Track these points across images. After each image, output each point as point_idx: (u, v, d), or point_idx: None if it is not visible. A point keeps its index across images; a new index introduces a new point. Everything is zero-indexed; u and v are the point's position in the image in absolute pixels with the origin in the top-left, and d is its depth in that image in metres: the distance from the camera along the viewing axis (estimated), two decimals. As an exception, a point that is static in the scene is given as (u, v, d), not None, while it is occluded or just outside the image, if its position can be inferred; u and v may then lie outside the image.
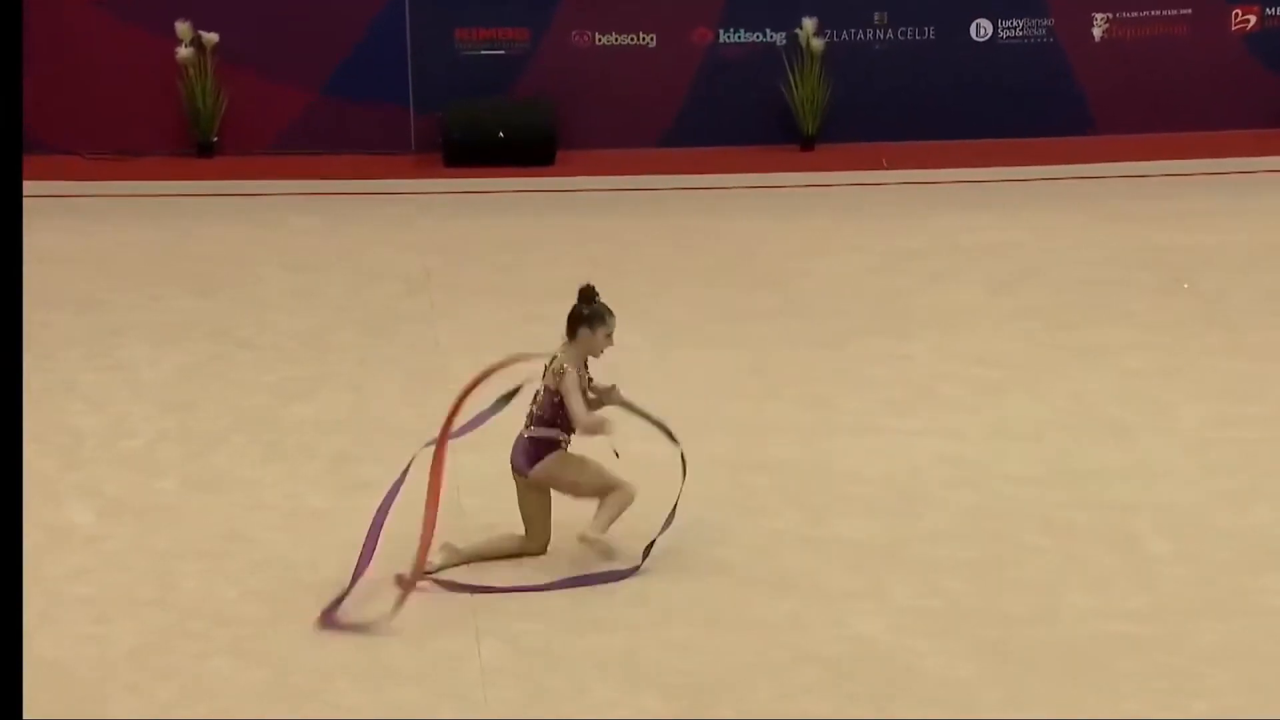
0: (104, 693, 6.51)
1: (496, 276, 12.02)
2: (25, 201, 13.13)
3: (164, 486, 8.45)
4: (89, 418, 9.28)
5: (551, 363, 7.47)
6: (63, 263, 12.02)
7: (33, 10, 13.75)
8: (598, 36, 15.04)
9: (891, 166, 14.39)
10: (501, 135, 14.68)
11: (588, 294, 7.49)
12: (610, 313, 7.47)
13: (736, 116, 14.98)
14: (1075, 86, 15.03)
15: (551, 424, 7.45)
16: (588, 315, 7.44)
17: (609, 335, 7.48)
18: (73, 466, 8.75)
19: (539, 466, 7.44)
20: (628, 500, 7.40)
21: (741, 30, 15.13)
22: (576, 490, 7.49)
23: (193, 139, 14.50)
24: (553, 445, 7.48)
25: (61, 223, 12.89)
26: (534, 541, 7.54)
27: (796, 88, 14.85)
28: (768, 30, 15.10)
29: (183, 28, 14.32)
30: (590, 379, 7.49)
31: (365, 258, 12.38)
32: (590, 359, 7.50)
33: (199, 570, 7.58)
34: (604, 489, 7.43)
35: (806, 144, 15.02)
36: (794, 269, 12.01)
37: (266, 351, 10.47)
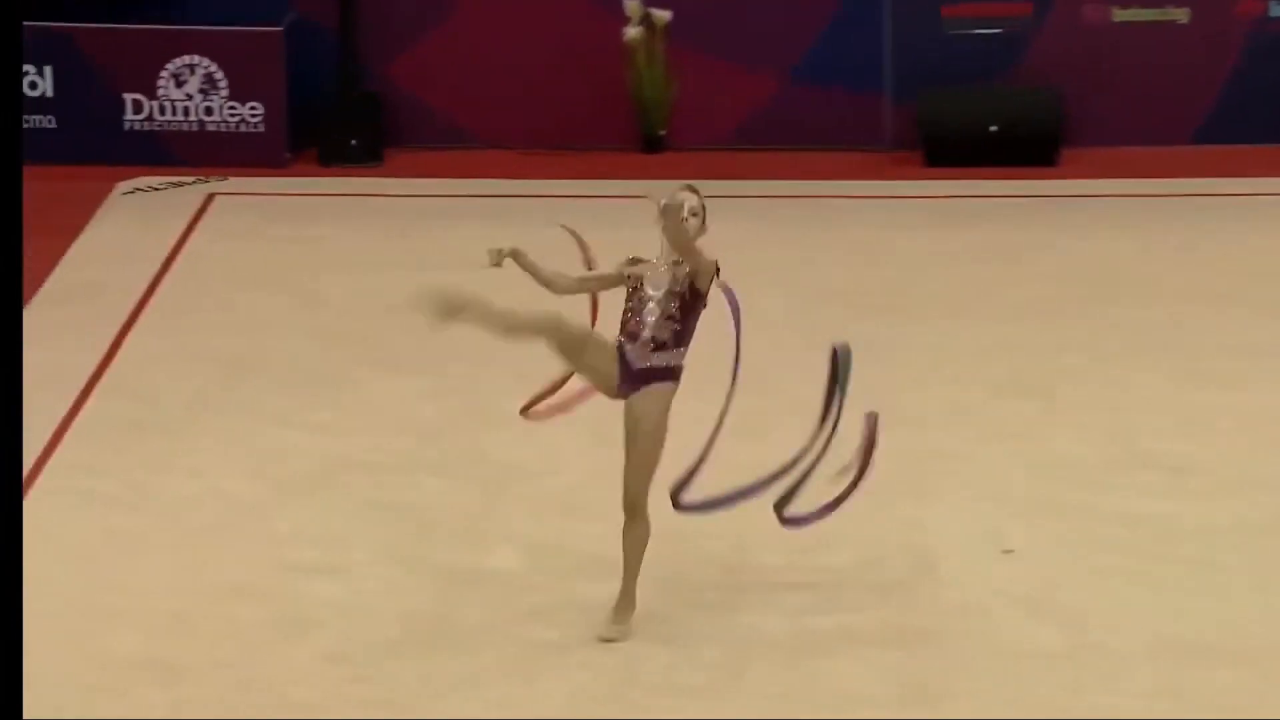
0: None
1: (972, 294, 11.79)
2: (445, 201, 13.73)
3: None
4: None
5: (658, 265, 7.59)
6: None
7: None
8: (1116, 11, 14.67)
9: None
10: (993, 129, 14.47)
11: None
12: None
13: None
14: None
15: (681, 344, 7.52)
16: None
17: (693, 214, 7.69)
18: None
19: (645, 392, 7.45)
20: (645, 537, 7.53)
21: (1296, 2, 14.57)
22: (647, 455, 7.41)
23: (638, 133, 14.68)
24: (671, 375, 7.49)
25: (477, 229, 13.20)
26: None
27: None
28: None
29: (632, 4, 14.51)
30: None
31: (808, 271, 12.29)
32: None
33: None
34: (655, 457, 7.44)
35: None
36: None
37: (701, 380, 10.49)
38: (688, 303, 7.54)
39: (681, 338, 7.53)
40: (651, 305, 7.54)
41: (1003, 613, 8.00)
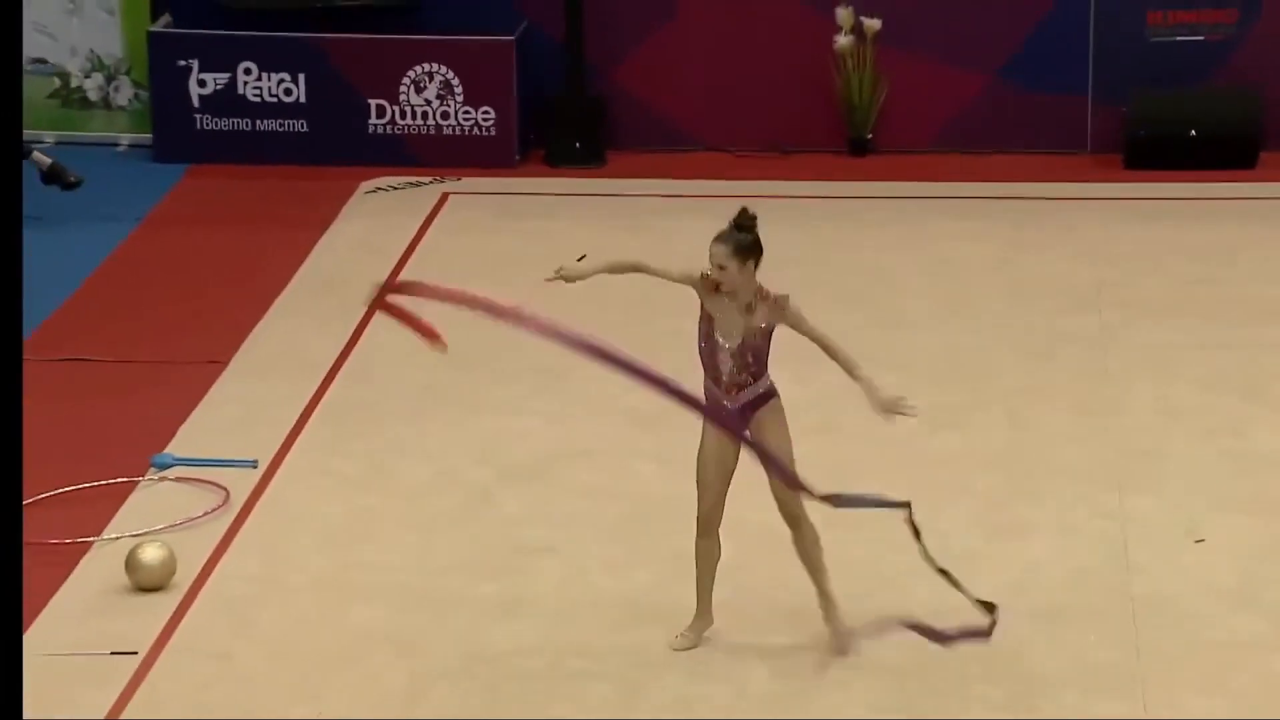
0: None
1: (1179, 294, 11.65)
2: (661, 200, 13.82)
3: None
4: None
5: (736, 300, 7.40)
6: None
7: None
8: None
9: None
10: (1193, 133, 14.24)
11: (747, 220, 7.46)
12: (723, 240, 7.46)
13: None
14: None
15: (763, 373, 7.46)
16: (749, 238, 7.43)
17: (719, 268, 7.43)
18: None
19: (758, 419, 7.41)
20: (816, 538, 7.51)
21: None
22: (788, 469, 7.35)
23: (846, 135, 14.65)
24: (771, 394, 7.48)
25: (690, 222, 13.26)
26: (708, 504, 7.59)
27: None
28: None
29: (844, 13, 14.48)
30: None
31: (1026, 269, 12.21)
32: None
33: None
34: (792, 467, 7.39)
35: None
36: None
37: (913, 373, 10.49)
38: (760, 345, 7.50)
39: (764, 368, 7.54)
40: (724, 355, 7.50)
41: (1199, 602, 7.93)
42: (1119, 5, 14.64)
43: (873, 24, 14.51)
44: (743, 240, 7.41)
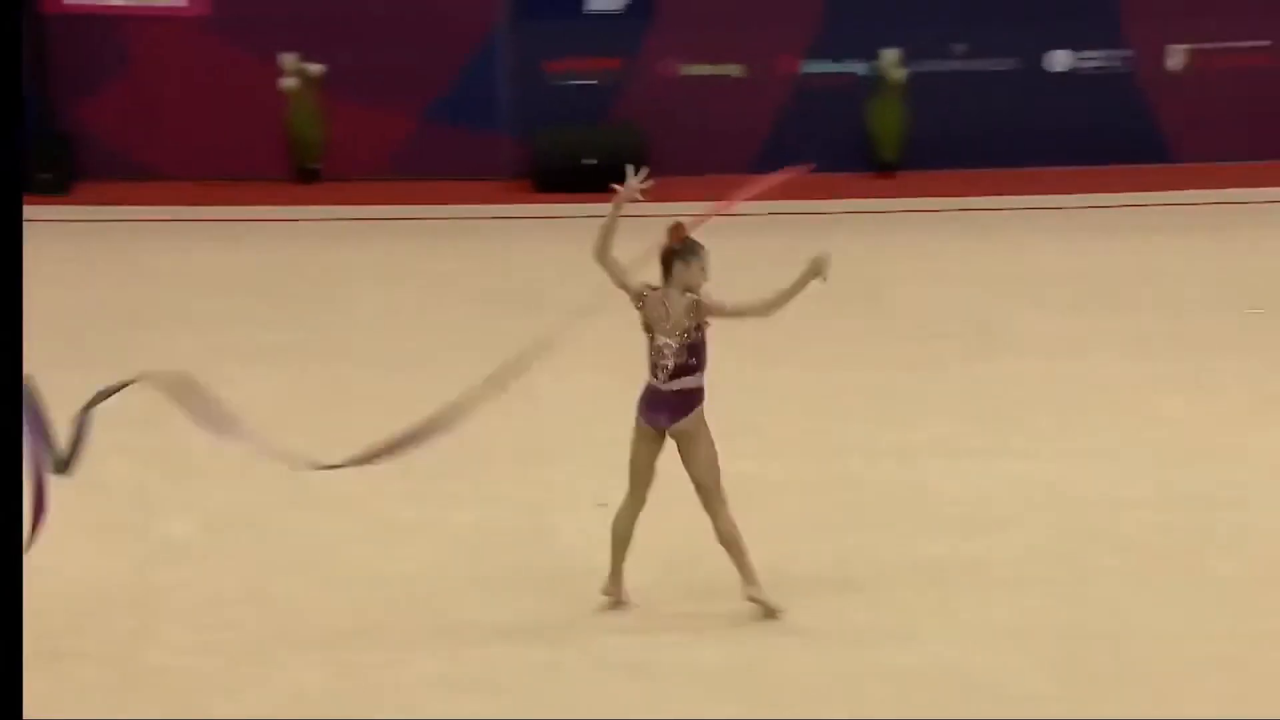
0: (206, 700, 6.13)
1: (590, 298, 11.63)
2: (134, 225, 13.06)
3: (265, 501, 8.07)
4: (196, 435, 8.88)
5: (655, 301, 6.66)
6: (164, 283, 11.71)
7: (137, 34, 13.53)
8: (685, 67, 14.67)
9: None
10: (593, 162, 14.33)
11: (679, 232, 6.74)
12: (701, 246, 6.71)
13: (821, 144, 14.62)
14: (1151, 116, 14.48)
15: (696, 369, 6.69)
16: (680, 250, 6.69)
17: (703, 268, 6.70)
18: (176, 480, 8.38)
19: (687, 419, 6.68)
20: (735, 530, 6.86)
21: (826, 61, 14.71)
22: (700, 464, 6.65)
23: (295, 165, 14.20)
24: (700, 396, 6.71)
25: (162, 244, 12.58)
26: (638, 495, 6.81)
27: (877, 116, 14.49)
28: (850, 61, 14.68)
29: (288, 60, 14.01)
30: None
31: (459, 279, 12.02)
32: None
33: (294, 583, 7.16)
34: (716, 476, 6.69)
35: (886, 170, 14.59)
36: (884, 293, 11.57)
37: (368, 371, 10.09)
38: (696, 338, 6.73)
39: (702, 363, 6.73)
40: (667, 352, 6.72)
41: (605, 559, 7.74)
42: (525, 54, 14.65)
43: (315, 69, 14.16)
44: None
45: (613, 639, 6.71)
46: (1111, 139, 14.55)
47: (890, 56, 14.43)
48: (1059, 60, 14.74)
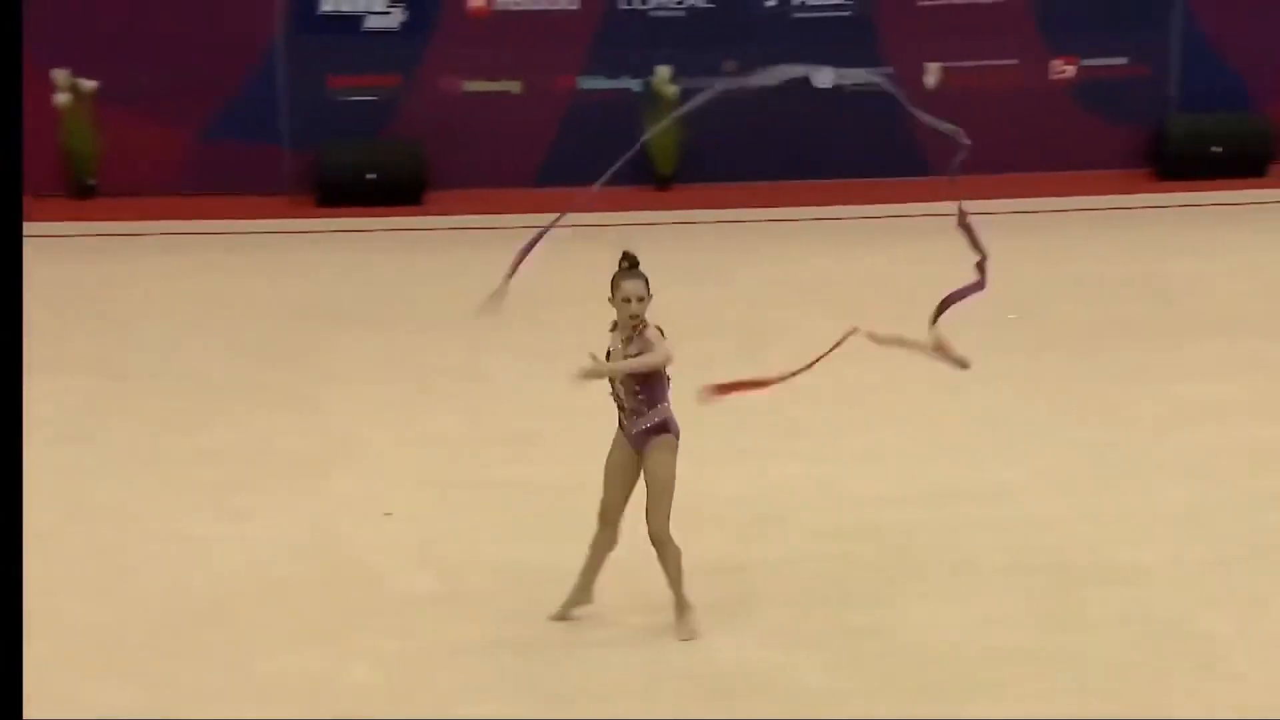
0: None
1: (375, 309, 11.74)
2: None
3: (47, 517, 8.05)
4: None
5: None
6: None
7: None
8: (465, 83, 14.86)
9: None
10: (372, 176, 14.43)
11: (627, 258, 6.90)
12: (631, 276, 6.81)
13: (600, 158, 14.85)
14: (911, 131, 15.04)
15: (655, 404, 6.78)
16: (627, 277, 6.82)
17: (625, 300, 6.81)
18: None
19: (652, 444, 6.77)
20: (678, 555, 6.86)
21: (601, 77, 15.01)
22: (663, 496, 6.74)
23: (71, 181, 14.04)
24: (664, 429, 6.78)
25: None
26: (606, 500, 6.92)
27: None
28: (625, 77, 15.01)
29: (60, 75, 13.87)
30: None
31: (241, 294, 12.02)
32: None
33: (82, 597, 7.19)
34: (669, 496, 6.80)
35: (664, 184, 14.94)
36: (660, 301, 11.89)
37: (151, 383, 10.09)
38: (642, 377, 6.81)
39: (654, 400, 6.79)
40: (621, 390, 6.84)
41: (388, 562, 7.90)
42: (306, 70, 14.66)
43: (89, 85, 14.02)
44: (643, 275, 6.81)
45: (388, 643, 6.88)
46: (875, 153, 15.08)
47: (663, 73, 14.79)
48: (824, 77, 15.25)
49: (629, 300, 6.75)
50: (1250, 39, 15.18)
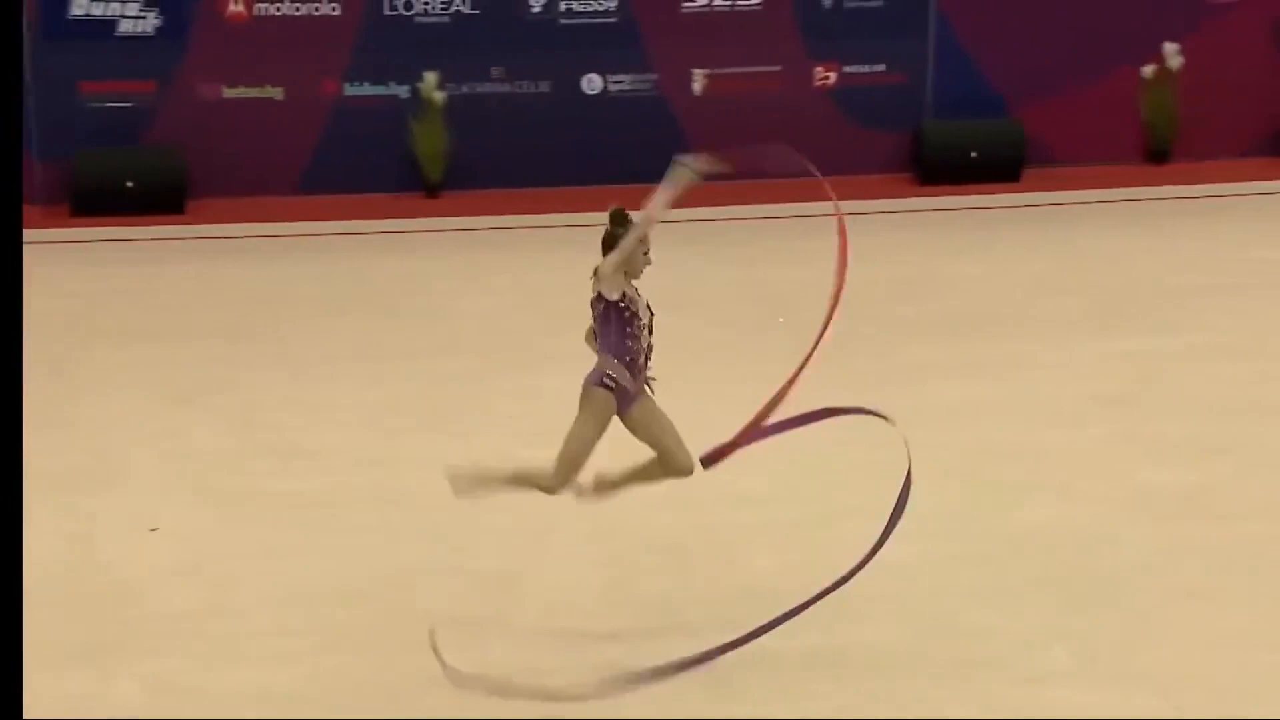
0: None
1: (130, 321, 11.44)
2: None
3: None
4: None
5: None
6: None
7: None
8: (225, 89, 14.56)
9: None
10: (129, 184, 14.06)
11: (619, 216, 6.71)
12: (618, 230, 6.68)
13: (367, 165, 14.72)
14: (680, 136, 15.14)
15: (604, 351, 6.65)
16: (622, 234, 6.64)
17: (647, 252, 6.69)
18: None
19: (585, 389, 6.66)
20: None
21: (366, 83, 14.84)
22: (571, 439, 6.67)
23: None
24: (595, 375, 6.65)
25: None
26: (676, 463, 6.78)
27: (420, 138, 14.69)
28: (392, 84, 14.86)
29: None
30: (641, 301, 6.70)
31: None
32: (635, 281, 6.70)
33: None
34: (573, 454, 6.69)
35: (432, 191, 14.82)
36: (434, 308, 11.77)
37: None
38: (600, 322, 6.66)
39: (605, 348, 6.64)
40: (646, 334, 6.80)
41: (153, 579, 7.70)
42: (57, 76, 14.24)
43: None
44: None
45: (161, 662, 6.70)
46: (646, 158, 15.16)
47: (430, 79, 14.69)
48: (592, 84, 15.30)
49: (649, 250, 6.72)
50: (1004, 47, 15.62)
